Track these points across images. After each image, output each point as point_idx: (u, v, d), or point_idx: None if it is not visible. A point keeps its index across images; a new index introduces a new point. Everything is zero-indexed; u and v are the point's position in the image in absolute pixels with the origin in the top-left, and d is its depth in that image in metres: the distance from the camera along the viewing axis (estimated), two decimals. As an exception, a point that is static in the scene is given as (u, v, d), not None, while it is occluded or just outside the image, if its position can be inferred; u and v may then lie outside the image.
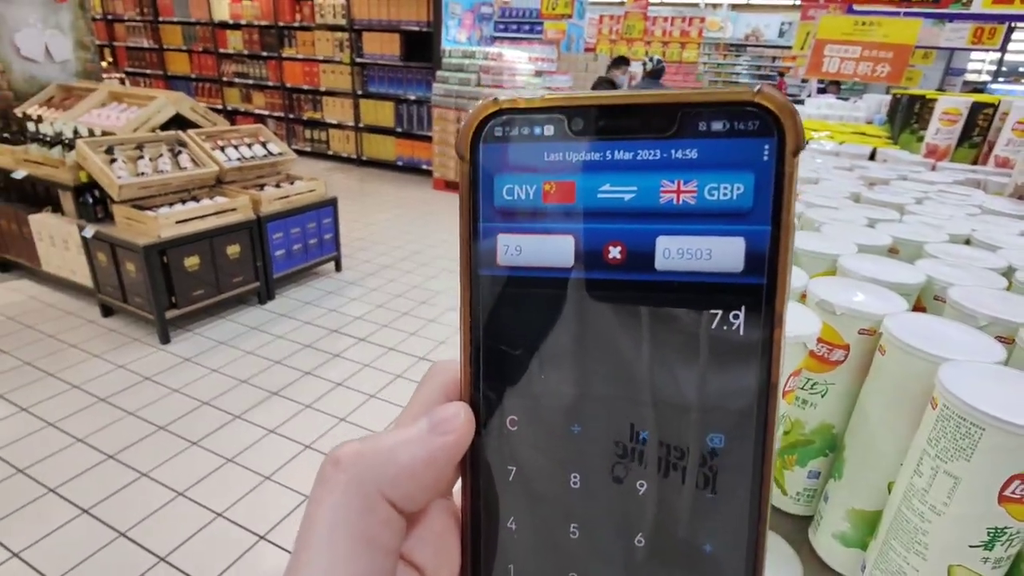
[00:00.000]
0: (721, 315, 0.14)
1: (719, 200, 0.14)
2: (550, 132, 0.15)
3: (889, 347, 0.46)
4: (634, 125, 0.14)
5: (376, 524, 0.16)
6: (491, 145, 0.16)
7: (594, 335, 0.15)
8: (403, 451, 0.16)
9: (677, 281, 0.14)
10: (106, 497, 1.93)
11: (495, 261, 0.16)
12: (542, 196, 0.15)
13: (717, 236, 0.14)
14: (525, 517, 0.16)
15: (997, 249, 0.69)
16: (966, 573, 0.40)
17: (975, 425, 0.37)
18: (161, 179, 2.89)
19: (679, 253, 0.14)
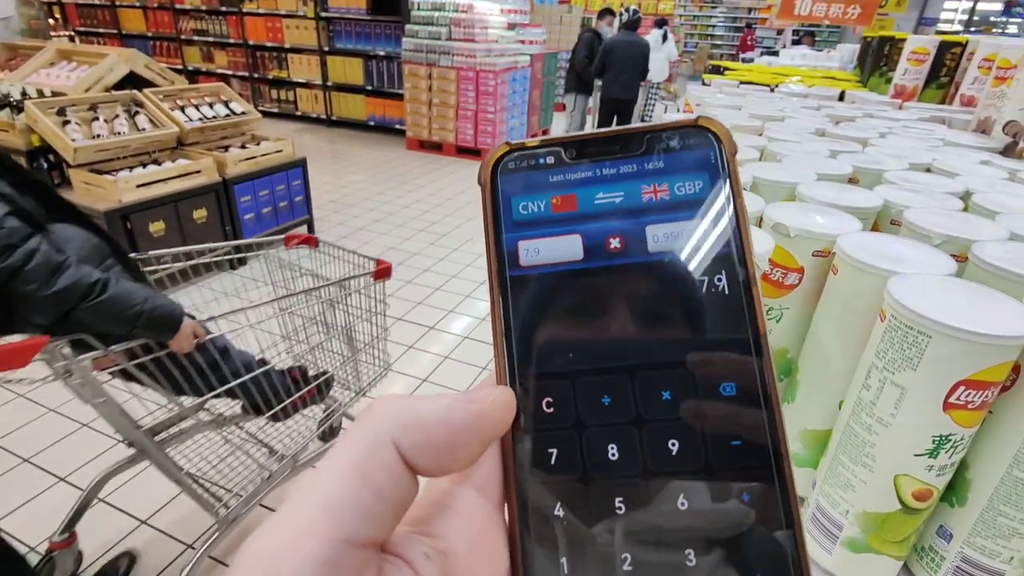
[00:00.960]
0: (708, 279, 0.17)
1: (687, 194, 0.18)
2: (551, 161, 0.19)
3: (841, 265, 0.46)
4: (614, 149, 0.19)
5: (376, 463, 0.16)
6: (506, 175, 0.20)
7: (608, 312, 0.18)
8: (424, 407, 0.17)
9: (666, 259, 0.18)
10: (84, 464, 1.91)
11: (518, 263, 0.19)
12: (551, 208, 0.19)
13: (692, 220, 0.18)
14: (570, 499, 0.18)
15: (956, 176, 0.69)
16: (911, 482, 0.41)
17: (922, 333, 0.37)
18: (118, 141, 2.76)
19: (665, 236, 0.18)
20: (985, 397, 0.37)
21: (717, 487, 0.17)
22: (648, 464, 0.17)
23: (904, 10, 6.95)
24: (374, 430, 0.16)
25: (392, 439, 0.16)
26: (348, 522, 0.15)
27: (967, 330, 0.35)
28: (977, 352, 0.35)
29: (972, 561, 0.43)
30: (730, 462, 0.17)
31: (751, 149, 0.76)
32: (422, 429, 0.17)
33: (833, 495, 0.46)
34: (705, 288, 0.17)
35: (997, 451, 0.40)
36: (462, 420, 0.17)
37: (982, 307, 0.37)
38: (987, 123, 1.10)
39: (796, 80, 1.74)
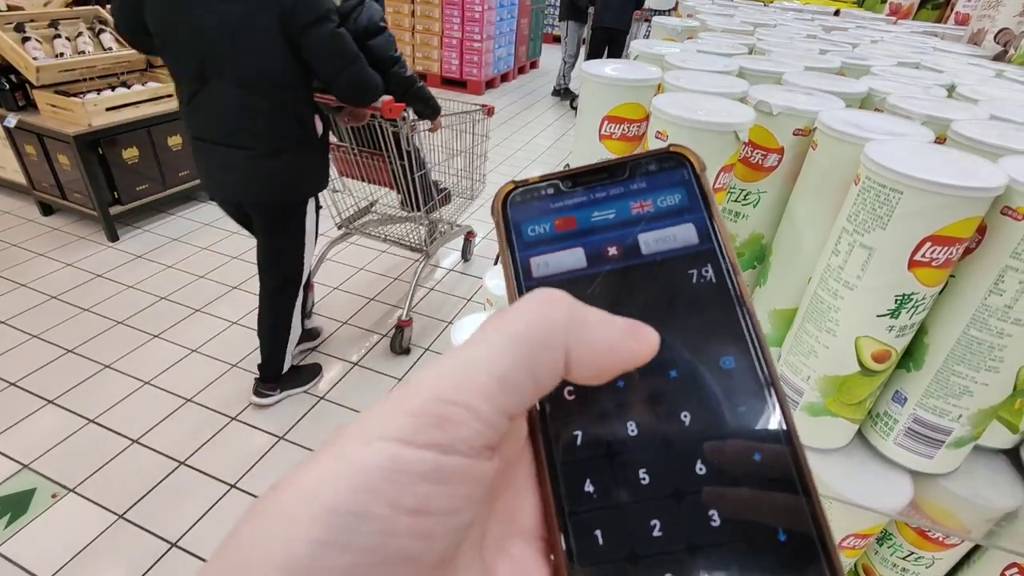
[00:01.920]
0: (697, 272, 0.20)
1: (668, 205, 0.21)
2: (551, 192, 0.23)
3: (821, 139, 0.46)
4: (603, 177, 0.23)
5: (545, 360, 0.17)
6: (515, 207, 0.23)
7: (613, 307, 0.20)
8: (598, 328, 0.18)
9: (660, 259, 0.21)
10: (70, 388, 1.93)
11: (532, 276, 0.22)
12: (555, 228, 0.22)
13: (675, 226, 0.21)
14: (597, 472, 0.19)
15: (942, 72, 0.68)
16: (871, 344, 0.43)
17: (894, 190, 0.37)
18: (84, 60, 2.62)
19: (655, 241, 0.21)
20: (949, 254, 0.38)
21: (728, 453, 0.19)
22: (665, 436, 0.19)
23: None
24: (553, 327, 0.18)
25: (566, 344, 0.18)
26: (515, 401, 0.17)
27: (938, 182, 0.35)
28: (946, 206, 0.36)
29: (923, 421, 0.46)
30: (733, 427, 0.19)
31: (741, 46, 0.74)
32: (591, 347, 0.18)
33: (796, 363, 0.47)
34: (695, 278, 0.20)
35: (956, 312, 0.42)
36: (623, 354, 0.18)
37: (955, 166, 0.38)
38: (979, 35, 1.08)
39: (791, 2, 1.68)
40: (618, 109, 0.54)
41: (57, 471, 1.65)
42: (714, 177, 0.46)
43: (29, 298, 2.32)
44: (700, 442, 0.19)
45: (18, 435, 1.76)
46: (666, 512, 0.18)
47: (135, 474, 1.65)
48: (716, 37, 0.82)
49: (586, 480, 0.19)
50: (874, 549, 0.57)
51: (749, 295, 0.20)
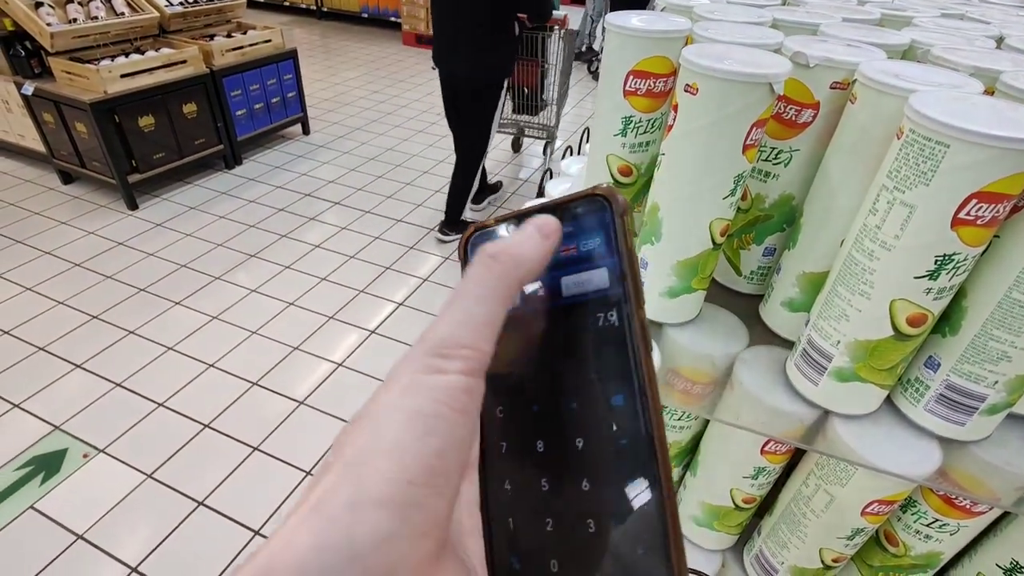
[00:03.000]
0: (604, 315, 0.22)
1: (588, 250, 0.23)
2: (505, 232, 0.25)
3: (861, 91, 0.43)
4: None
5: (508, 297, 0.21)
6: (474, 247, 0.25)
7: (530, 344, 0.23)
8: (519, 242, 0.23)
9: (576, 301, 0.23)
10: (96, 353, 1.97)
11: None
12: None
13: (592, 270, 0.22)
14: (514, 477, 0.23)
15: (989, 23, 0.64)
16: (907, 307, 0.41)
17: (940, 144, 0.35)
18: (97, 26, 2.60)
19: (574, 284, 0.23)
20: (996, 212, 0.36)
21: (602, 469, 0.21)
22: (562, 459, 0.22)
23: None
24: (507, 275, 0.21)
25: (518, 281, 0.21)
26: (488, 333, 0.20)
27: (988, 134, 0.33)
28: (996, 160, 0.34)
29: (956, 387, 0.44)
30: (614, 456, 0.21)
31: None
32: (528, 267, 0.22)
33: (826, 327, 0.46)
34: (601, 322, 0.22)
35: (999, 274, 0.40)
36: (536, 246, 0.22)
37: (1007, 118, 0.35)
38: (1029, -14, 1.01)
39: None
40: (644, 63, 0.51)
41: (87, 432, 1.71)
42: (745, 133, 0.44)
43: (53, 265, 2.37)
44: (584, 468, 0.21)
45: (49, 397, 1.81)
46: (556, 515, 0.21)
47: (162, 436, 1.70)
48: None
49: (504, 481, 0.23)
50: (897, 516, 0.56)
51: (647, 337, 0.22)
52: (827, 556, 0.57)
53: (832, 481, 0.53)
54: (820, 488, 0.55)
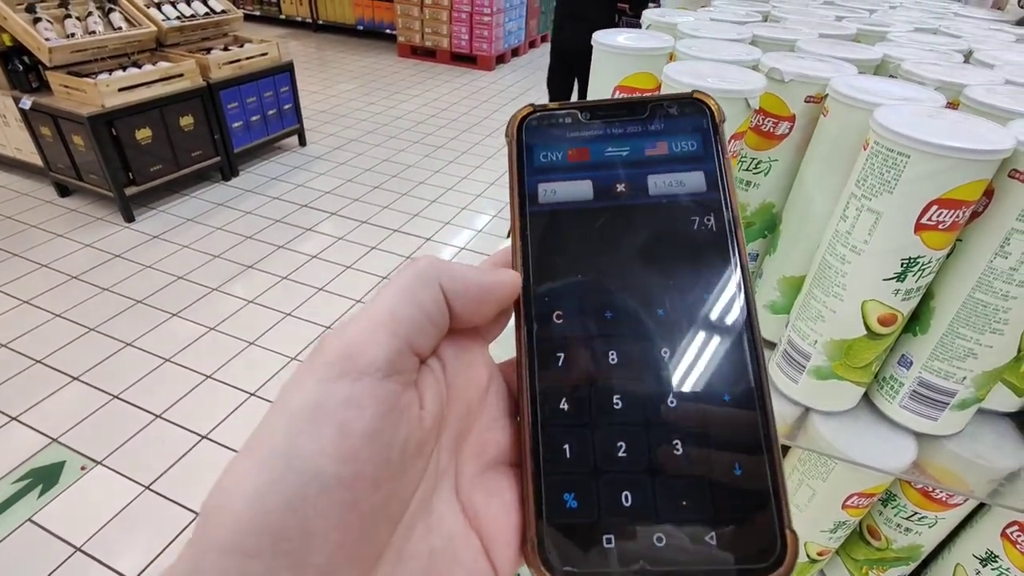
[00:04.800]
0: (699, 219, 0.20)
1: (682, 151, 0.21)
2: (569, 121, 0.23)
3: (832, 104, 0.46)
4: (623, 113, 0.23)
5: (427, 296, 0.20)
6: (530, 130, 0.23)
7: (614, 243, 0.21)
8: (463, 270, 0.21)
9: (666, 201, 0.21)
10: (94, 365, 1.98)
11: (537, 201, 0.22)
12: (567, 157, 0.23)
13: (685, 172, 0.21)
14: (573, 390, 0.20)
15: (960, 38, 0.67)
16: (878, 307, 0.44)
17: (901, 154, 0.38)
18: (95, 40, 2.63)
19: (664, 183, 0.21)
20: (956, 217, 0.39)
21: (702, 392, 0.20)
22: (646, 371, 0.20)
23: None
24: (424, 273, 0.20)
25: (440, 282, 0.20)
26: (408, 330, 0.19)
27: (945, 145, 0.36)
28: (953, 168, 0.36)
29: (928, 384, 0.47)
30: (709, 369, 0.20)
31: (755, 13, 0.74)
32: (463, 282, 0.21)
33: (804, 328, 0.48)
34: (696, 225, 0.21)
35: (962, 275, 0.42)
36: (490, 283, 0.21)
37: (964, 130, 0.38)
38: (1003, 0, 1.05)
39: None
40: (629, 79, 0.54)
41: (85, 444, 1.71)
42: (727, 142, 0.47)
43: (50, 278, 2.37)
44: (675, 379, 0.19)
45: (46, 410, 1.82)
46: (633, 437, 0.19)
47: (159, 447, 1.71)
48: (730, 5, 0.81)
49: (562, 398, 0.20)
50: (878, 510, 0.59)
51: (745, 249, 0.21)
52: (812, 550, 0.59)
53: (813, 476, 0.55)
54: (803, 483, 0.57)
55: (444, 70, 5.39)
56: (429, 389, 0.20)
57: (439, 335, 0.20)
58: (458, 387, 0.21)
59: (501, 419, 0.22)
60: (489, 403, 0.23)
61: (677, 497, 0.18)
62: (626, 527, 0.18)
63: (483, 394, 0.22)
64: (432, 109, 4.47)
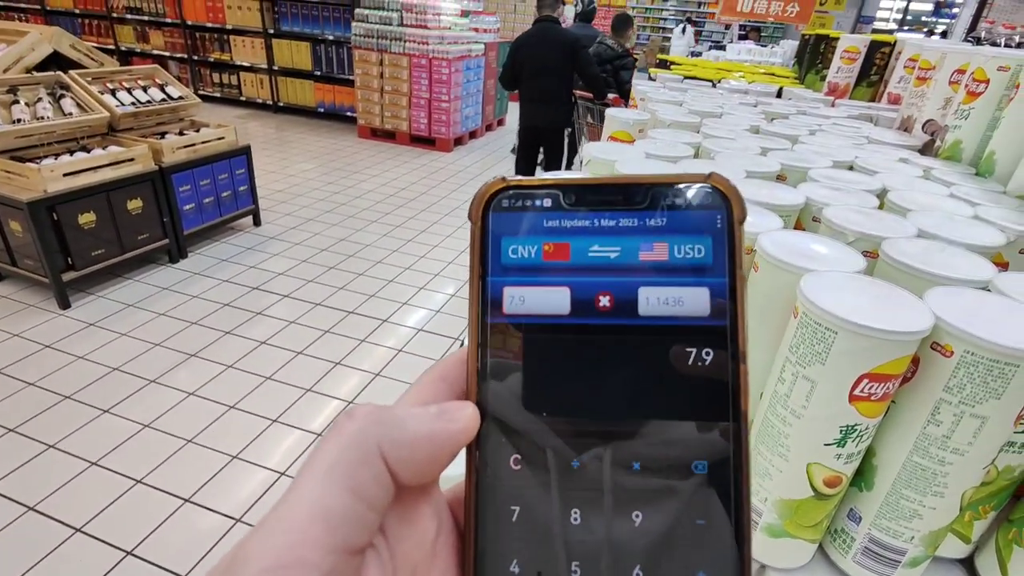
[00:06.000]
0: (695, 353, 0.17)
1: (686, 258, 0.17)
2: (548, 204, 0.18)
3: (761, 263, 0.47)
4: (616, 199, 0.18)
5: (367, 476, 0.17)
6: (499, 213, 0.19)
7: (588, 373, 0.18)
8: (410, 423, 0.18)
9: (657, 324, 0.17)
10: (9, 472, 1.80)
11: (502, 311, 0.18)
12: (542, 255, 0.18)
13: (686, 287, 0.17)
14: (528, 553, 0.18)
15: (875, 174, 0.73)
16: (821, 470, 0.43)
17: (829, 329, 0.39)
18: (42, 126, 2.59)
19: (657, 301, 0.17)
20: (887, 389, 0.39)
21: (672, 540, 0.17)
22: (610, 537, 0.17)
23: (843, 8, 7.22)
24: (363, 442, 0.17)
25: (381, 452, 0.17)
26: (345, 532, 0.16)
27: (869, 326, 0.37)
28: (878, 347, 0.37)
29: (879, 541, 0.46)
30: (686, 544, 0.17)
31: (686, 147, 0.78)
32: (410, 446, 0.18)
33: (754, 484, 0.47)
34: (691, 362, 0.17)
35: (899, 439, 0.43)
36: (444, 438, 0.18)
37: (885, 304, 0.39)
38: (909, 121, 1.16)
39: (738, 76, 1.79)
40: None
41: (-13, 569, 1.52)
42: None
43: (-32, 373, 2.19)
44: (646, 552, 0.17)
45: None
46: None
47: (78, 566, 1.53)
48: (665, 133, 0.86)
49: (512, 561, 0.18)
50: None
51: (748, 396, 0.17)
52: None
53: None
54: None
55: (403, 151, 5.54)
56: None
57: (381, 517, 0.18)
58: (403, 553, 0.18)
59: (451, 572, 0.20)
60: (438, 556, 0.20)
61: None
62: None
63: (431, 548, 0.19)
64: (391, 189, 4.54)
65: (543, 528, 0.17)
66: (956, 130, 0.88)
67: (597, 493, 0.17)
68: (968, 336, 0.37)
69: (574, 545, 0.17)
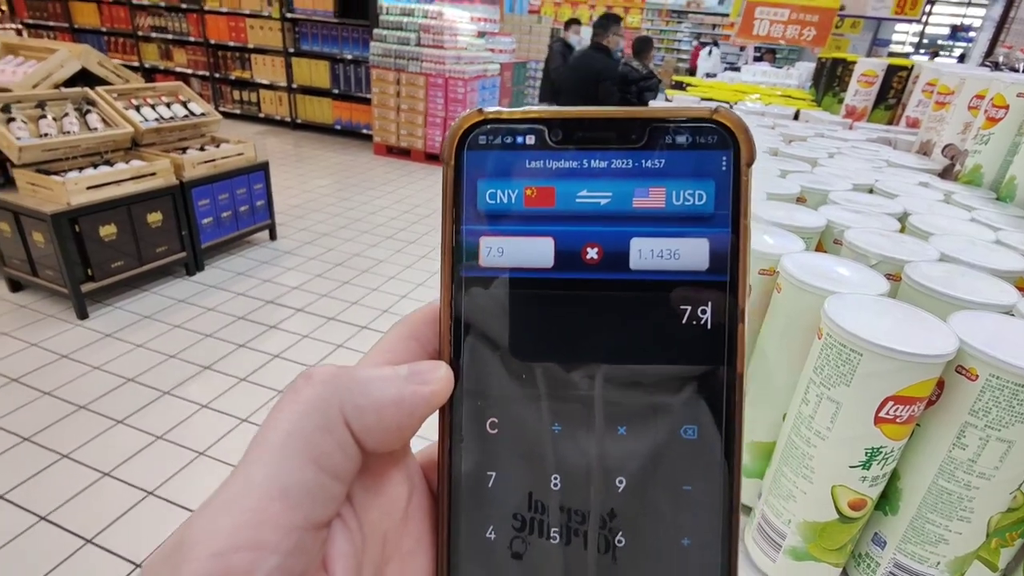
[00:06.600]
0: (690, 310, 0.16)
1: (685, 205, 0.16)
2: (531, 141, 0.16)
3: (784, 284, 0.48)
4: (608, 136, 0.16)
5: (330, 444, 0.15)
6: (475, 152, 0.16)
7: (572, 332, 0.16)
8: (376, 386, 0.16)
9: (650, 280, 0.16)
10: (23, 481, 1.81)
11: (478, 262, 0.17)
12: (523, 201, 0.16)
13: (684, 238, 0.16)
14: (504, 515, 0.17)
15: (895, 197, 0.73)
16: (846, 492, 0.43)
17: (854, 351, 0.39)
18: (68, 140, 2.65)
19: (651, 253, 0.16)
20: (912, 411, 0.39)
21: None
22: (594, 500, 0.16)
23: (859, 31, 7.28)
24: (325, 407, 0.15)
25: (345, 418, 0.16)
26: (308, 507, 0.14)
27: (895, 349, 0.37)
28: (904, 370, 0.37)
29: (904, 566, 0.45)
30: (678, 511, 0.16)
31: (705, 167, 0.79)
32: (377, 411, 0.16)
33: (777, 505, 0.47)
34: (686, 320, 0.16)
35: (924, 462, 0.42)
36: (415, 402, 0.17)
37: (910, 327, 0.40)
38: (928, 145, 1.16)
39: (755, 98, 1.80)
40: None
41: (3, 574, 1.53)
42: (685, 320, 0.48)
43: (-13, 381, 2.23)
44: (629, 520, 0.16)
45: None
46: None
47: (85, 579, 1.54)
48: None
49: (488, 528, 0.17)
50: None
51: (744, 358, 0.16)
52: None
53: None
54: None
55: (418, 168, 5.61)
56: (339, 556, 0.16)
57: (347, 487, 0.16)
58: (371, 521, 0.17)
59: (425, 539, 0.18)
60: (410, 522, 0.18)
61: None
62: None
63: (403, 514, 0.18)
64: (405, 205, 4.59)
65: (521, 494, 0.16)
66: (976, 155, 0.88)
67: (579, 458, 0.16)
68: (993, 360, 0.37)
69: (554, 512, 0.16)
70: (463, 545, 0.17)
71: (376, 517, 0.17)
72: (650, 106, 0.17)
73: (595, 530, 0.16)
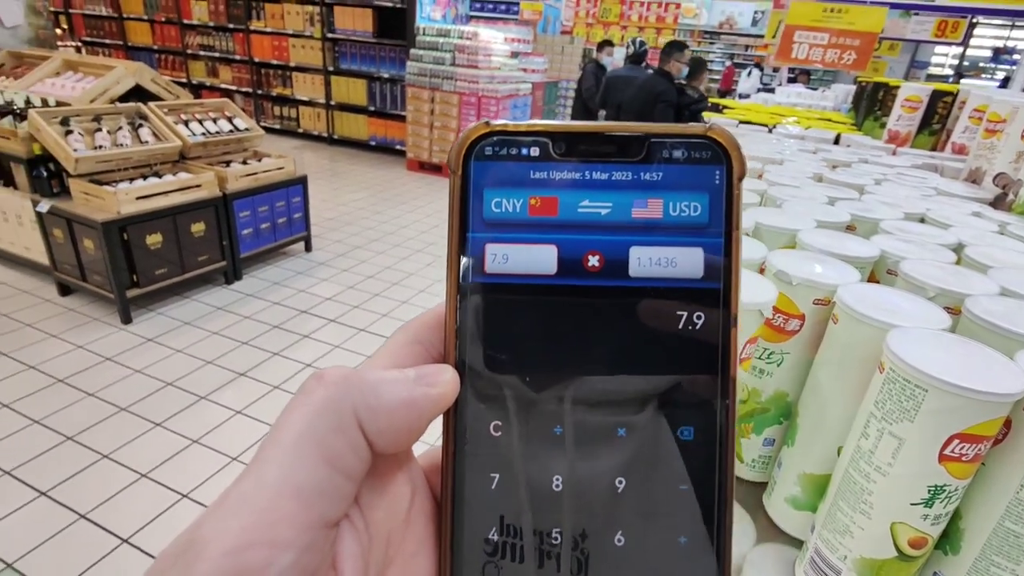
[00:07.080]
0: (686, 315, 0.16)
1: (681, 216, 0.17)
2: (536, 153, 0.17)
3: (841, 315, 0.47)
4: (609, 150, 0.17)
5: (343, 445, 0.16)
6: (482, 162, 0.17)
7: (573, 337, 0.17)
8: (387, 388, 0.17)
9: (648, 287, 0.17)
10: (65, 479, 1.88)
11: (483, 269, 0.18)
12: (528, 210, 0.17)
13: (680, 247, 0.17)
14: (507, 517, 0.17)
15: (949, 227, 0.72)
16: (907, 530, 0.42)
17: (919, 387, 0.38)
18: (120, 153, 2.78)
19: (649, 261, 0.17)
20: (978, 450, 0.38)
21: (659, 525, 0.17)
22: (592, 505, 0.17)
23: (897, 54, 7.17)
24: (338, 408, 0.16)
25: (357, 420, 0.16)
26: (322, 506, 0.15)
27: (962, 386, 0.36)
28: (971, 407, 0.37)
29: (966, 610, 0.44)
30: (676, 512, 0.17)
31: (753, 193, 0.79)
32: (387, 413, 0.16)
33: (832, 540, 0.46)
34: (681, 326, 0.16)
35: (989, 503, 0.41)
36: (423, 404, 0.17)
37: (976, 363, 0.39)
38: (978, 173, 1.14)
39: (793, 121, 1.79)
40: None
41: (41, 572, 1.57)
42: (740, 347, 0.48)
43: (35, 381, 2.32)
44: (628, 517, 0.16)
45: (3, 530, 1.69)
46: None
47: (121, 579, 1.57)
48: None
49: (491, 529, 0.17)
50: None
51: (736, 361, 0.16)
52: None
53: None
54: None
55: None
56: (348, 555, 0.16)
57: (357, 487, 0.17)
58: (377, 522, 0.18)
59: (427, 541, 0.19)
60: (413, 524, 0.19)
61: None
62: None
63: (406, 516, 0.19)
64: (436, 219, 4.65)
65: (523, 496, 0.17)
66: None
67: (580, 461, 0.17)
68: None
69: (555, 514, 0.17)
70: (466, 547, 0.17)
71: (381, 517, 0.18)
72: None
73: (596, 531, 0.17)
